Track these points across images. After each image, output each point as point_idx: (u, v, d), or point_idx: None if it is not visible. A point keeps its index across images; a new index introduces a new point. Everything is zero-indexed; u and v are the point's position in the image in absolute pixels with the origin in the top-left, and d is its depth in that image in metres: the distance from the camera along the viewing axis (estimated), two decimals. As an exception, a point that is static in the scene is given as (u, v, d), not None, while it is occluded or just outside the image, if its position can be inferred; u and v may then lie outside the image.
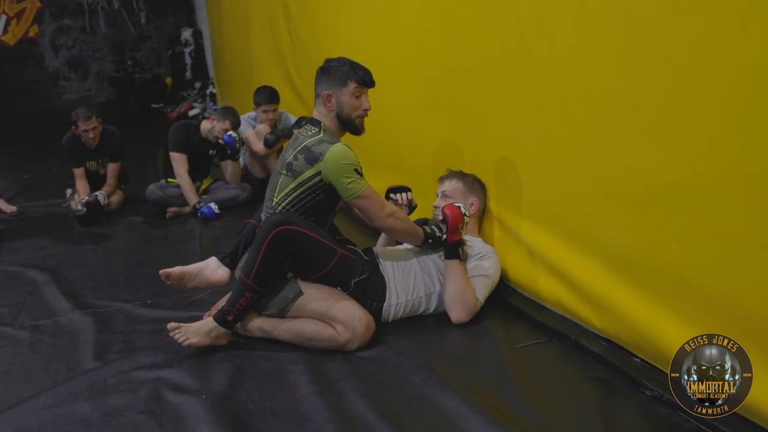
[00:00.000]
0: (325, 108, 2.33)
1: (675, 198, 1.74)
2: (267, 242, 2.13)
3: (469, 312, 2.31)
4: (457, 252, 2.34)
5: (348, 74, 2.30)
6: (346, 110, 2.32)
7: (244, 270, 2.20)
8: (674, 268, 1.78)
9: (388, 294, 2.33)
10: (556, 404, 1.85)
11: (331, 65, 2.34)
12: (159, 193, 4.07)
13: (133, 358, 2.22)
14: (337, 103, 2.31)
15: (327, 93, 2.31)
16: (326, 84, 2.32)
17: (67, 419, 1.88)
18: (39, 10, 8.95)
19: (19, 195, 4.94)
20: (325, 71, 2.34)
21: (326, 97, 2.31)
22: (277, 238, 2.13)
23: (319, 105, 2.35)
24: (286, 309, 2.23)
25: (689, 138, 1.66)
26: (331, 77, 2.31)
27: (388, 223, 2.33)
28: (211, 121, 4.10)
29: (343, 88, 2.30)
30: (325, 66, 2.36)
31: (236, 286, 2.23)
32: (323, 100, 2.32)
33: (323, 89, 2.32)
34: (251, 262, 2.16)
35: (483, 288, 2.37)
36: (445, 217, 2.35)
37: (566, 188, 2.19)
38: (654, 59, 1.73)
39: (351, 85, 2.30)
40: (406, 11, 3.04)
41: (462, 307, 2.30)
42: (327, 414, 1.83)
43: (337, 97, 2.31)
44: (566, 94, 2.09)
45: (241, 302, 2.19)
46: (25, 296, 2.86)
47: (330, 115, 2.33)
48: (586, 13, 1.96)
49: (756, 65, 1.46)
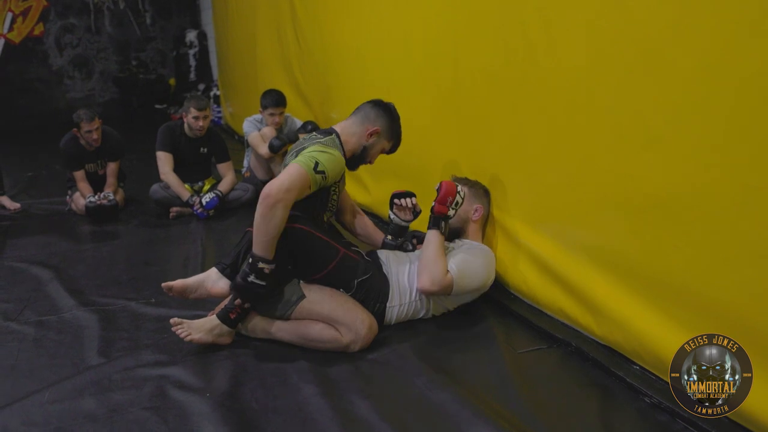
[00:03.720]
0: (364, 135, 2.44)
1: (677, 207, 1.76)
2: None
3: (434, 281, 2.28)
4: (440, 224, 2.39)
5: (396, 135, 2.51)
6: (371, 153, 2.49)
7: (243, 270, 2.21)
8: (675, 276, 1.80)
9: (391, 294, 2.35)
10: (556, 410, 1.86)
11: (396, 115, 2.50)
12: (162, 192, 4.09)
13: (138, 355, 2.24)
14: (373, 143, 2.47)
15: (377, 130, 2.45)
16: (381, 123, 2.46)
17: (72, 414, 1.90)
18: (45, 8, 8.99)
19: (22, 192, 4.96)
20: (389, 113, 2.48)
21: (374, 132, 2.45)
22: (282, 234, 2.15)
23: (359, 127, 2.45)
24: (289, 312, 2.25)
25: (692, 148, 1.69)
26: (389, 124, 2.47)
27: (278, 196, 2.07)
28: (184, 117, 4.13)
29: (385, 141, 2.49)
30: (391, 108, 2.50)
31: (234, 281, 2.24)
32: (368, 131, 2.44)
33: (377, 124, 2.45)
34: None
35: (459, 265, 2.34)
36: (440, 186, 2.41)
37: (569, 196, 2.21)
38: (658, 70, 1.75)
39: (389, 144, 2.52)
40: (413, 17, 3.07)
41: (428, 275, 2.29)
42: (330, 414, 1.85)
43: (379, 139, 2.47)
44: (571, 103, 2.12)
45: (245, 302, 2.22)
46: (30, 292, 2.88)
47: (360, 143, 2.44)
48: (592, 24, 1.98)
49: (760, 76, 1.48)
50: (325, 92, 4.40)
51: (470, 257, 2.41)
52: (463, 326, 2.40)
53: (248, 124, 4.45)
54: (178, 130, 4.16)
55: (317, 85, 4.53)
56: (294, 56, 4.88)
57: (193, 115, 4.06)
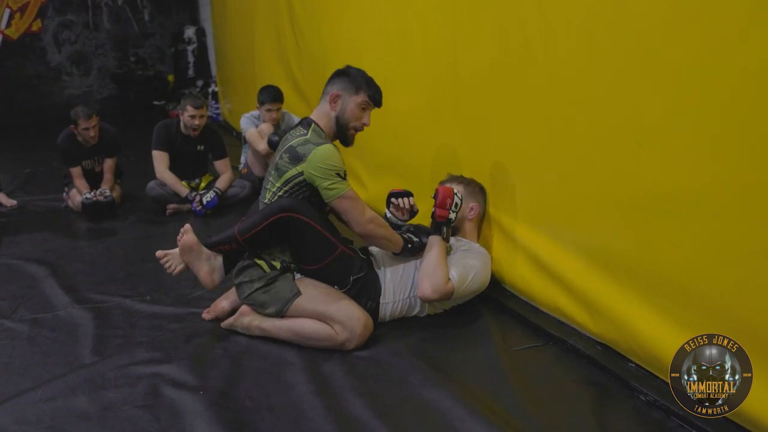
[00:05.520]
0: (329, 106, 2.36)
1: (674, 204, 1.75)
2: (272, 220, 2.18)
3: (435, 289, 2.28)
4: (441, 229, 2.38)
5: (363, 85, 2.35)
6: (347, 116, 2.36)
7: (241, 229, 2.24)
8: (671, 274, 1.79)
9: (384, 291, 2.34)
10: (551, 407, 1.86)
11: (351, 71, 2.38)
12: (159, 189, 4.08)
13: (132, 353, 2.23)
14: (341, 107, 2.35)
15: (336, 93, 2.34)
16: (339, 85, 2.35)
17: (65, 412, 1.89)
18: (43, 4, 8.97)
19: (19, 189, 4.95)
20: (343, 74, 2.38)
21: (334, 96, 2.34)
22: (283, 221, 2.18)
23: (324, 103, 2.37)
24: (284, 309, 2.24)
25: (689, 145, 1.68)
26: (347, 81, 2.35)
27: (368, 229, 2.31)
28: (181, 115, 4.12)
29: (354, 96, 2.34)
30: (344, 69, 2.41)
31: (228, 233, 2.28)
32: (330, 99, 2.35)
33: (334, 89, 2.35)
34: (251, 227, 2.22)
35: (460, 273, 2.34)
36: (437, 193, 2.41)
37: (566, 194, 2.20)
38: (655, 66, 1.74)
39: (361, 96, 2.35)
40: (411, 13, 3.05)
41: (429, 283, 2.29)
42: (324, 412, 1.84)
43: (344, 100, 2.34)
44: (568, 100, 2.11)
45: (225, 248, 2.30)
46: (25, 290, 2.87)
47: (330, 114, 2.36)
48: (590, 21, 1.97)
49: (757, 73, 1.47)
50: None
51: (470, 262, 2.40)
52: (458, 323, 2.39)
53: (245, 121, 4.43)
54: (174, 128, 4.14)
55: (315, 81, 4.51)
56: (292, 52, 4.86)
57: (189, 114, 4.04)
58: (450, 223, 2.41)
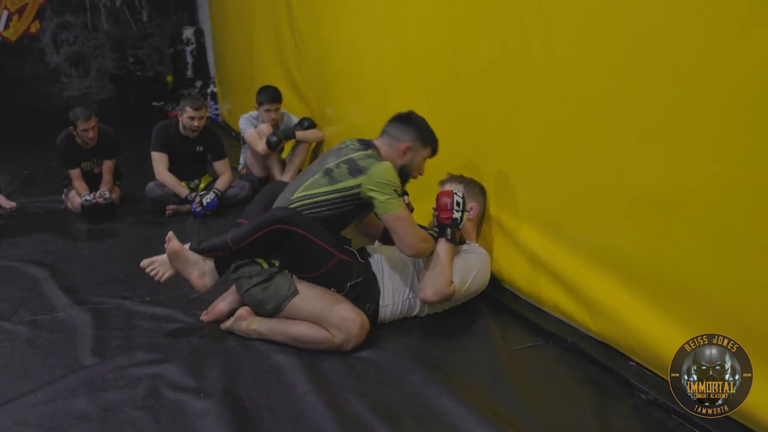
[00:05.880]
0: (396, 154, 2.41)
1: (674, 203, 1.75)
2: (265, 231, 2.17)
3: (436, 292, 2.28)
4: (446, 232, 2.37)
5: (430, 141, 2.45)
6: (412, 167, 2.46)
7: (234, 238, 2.22)
8: (671, 272, 1.79)
9: (383, 294, 2.34)
10: (551, 406, 1.86)
11: (417, 120, 2.44)
12: (158, 190, 4.08)
13: (132, 354, 2.23)
14: (410, 159, 2.43)
15: (408, 146, 2.41)
16: (410, 136, 2.42)
17: (64, 414, 1.89)
18: (41, 6, 8.97)
19: (18, 191, 4.95)
20: (411, 123, 2.44)
21: (405, 149, 2.41)
22: (276, 233, 2.17)
23: (390, 148, 2.42)
24: (281, 306, 2.24)
25: (689, 143, 1.67)
26: (416, 134, 2.42)
27: (419, 248, 2.30)
28: (180, 116, 4.11)
29: (422, 150, 2.45)
30: (410, 117, 2.45)
31: (221, 239, 2.25)
32: (400, 149, 2.41)
33: (406, 140, 2.41)
34: (244, 236, 2.20)
35: (461, 275, 2.34)
36: (438, 198, 2.42)
37: (565, 192, 2.20)
38: (655, 64, 1.74)
39: (427, 151, 2.47)
40: (409, 14, 3.05)
41: (431, 286, 2.28)
42: (324, 413, 1.84)
43: (414, 154, 2.43)
44: (568, 100, 2.10)
45: (218, 253, 2.27)
46: (24, 292, 2.87)
47: (396, 162, 2.39)
48: (589, 20, 1.97)
49: (757, 71, 1.47)
50: (322, 88, 4.39)
51: (471, 263, 2.40)
52: (458, 323, 2.39)
53: (244, 121, 4.43)
54: (173, 129, 4.14)
55: (314, 81, 4.51)
56: (291, 53, 4.86)
57: (188, 115, 4.03)
58: (456, 224, 2.40)
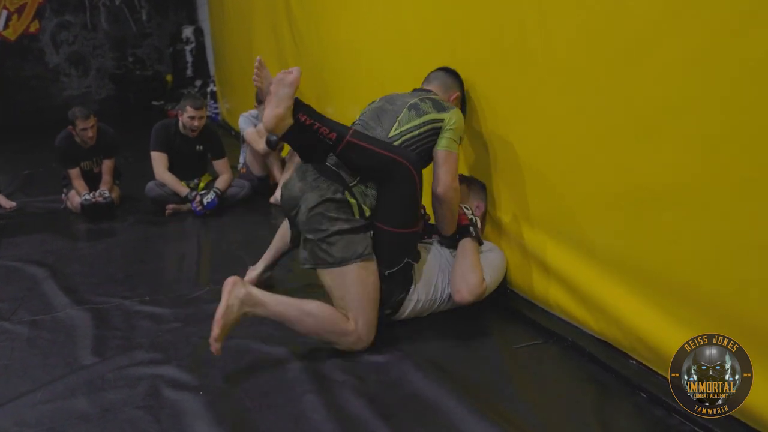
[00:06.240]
0: (450, 101, 2.53)
1: (672, 200, 1.74)
2: (393, 158, 2.15)
3: (472, 292, 2.27)
4: (468, 231, 2.38)
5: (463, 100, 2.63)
6: None
7: (355, 136, 2.13)
8: (671, 270, 1.78)
9: (414, 287, 2.32)
10: (552, 405, 1.85)
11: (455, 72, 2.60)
12: (158, 190, 4.08)
13: (131, 354, 2.23)
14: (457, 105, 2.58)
15: (457, 95, 2.57)
16: (458, 89, 2.57)
17: (64, 414, 1.89)
18: (40, 5, 8.97)
19: (18, 191, 4.95)
20: (460, 79, 2.59)
21: (456, 97, 2.56)
22: (400, 168, 2.16)
23: (444, 94, 2.54)
24: (349, 260, 2.10)
25: (688, 141, 1.67)
26: (462, 89, 2.59)
27: (450, 193, 2.32)
28: (180, 116, 4.10)
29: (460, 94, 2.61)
30: (452, 70, 2.60)
31: (339, 126, 2.15)
32: (451, 97, 2.55)
33: (456, 90, 2.57)
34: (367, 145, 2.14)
35: (490, 272, 2.35)
36: None
37: (564, 190, 2.19)
38: (653, 61, 1.74)
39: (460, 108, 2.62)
40: (409, 13, 3.04)
41: (467, 287, 2.28)
42: (324, 412, 1.83)
43: (458, 103, 2.59)
44: (567, 99, 2.10)
45: (317, 128, 2.11)
46: (24, 291, 2.87)
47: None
48: (589, 20, 1.96)
49: (755, 67, 1.47)
50: (322, 87, 4.38)
51: (495, 263, 2.42)
52: (458, 322, 2.38)
53: (244, 120, 4.43)
54: (172, 129, 4.13)
55: (313, 80, 4.50)
56: (290, 53, 4.86)
57: (189, 115, 4.03)
58: (475, 223, 2.41)
